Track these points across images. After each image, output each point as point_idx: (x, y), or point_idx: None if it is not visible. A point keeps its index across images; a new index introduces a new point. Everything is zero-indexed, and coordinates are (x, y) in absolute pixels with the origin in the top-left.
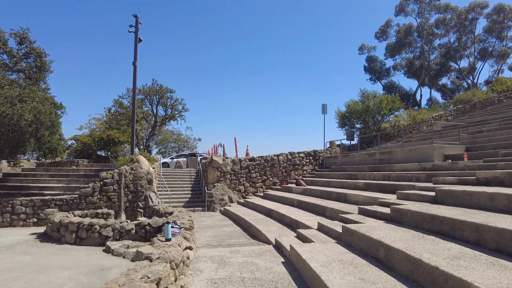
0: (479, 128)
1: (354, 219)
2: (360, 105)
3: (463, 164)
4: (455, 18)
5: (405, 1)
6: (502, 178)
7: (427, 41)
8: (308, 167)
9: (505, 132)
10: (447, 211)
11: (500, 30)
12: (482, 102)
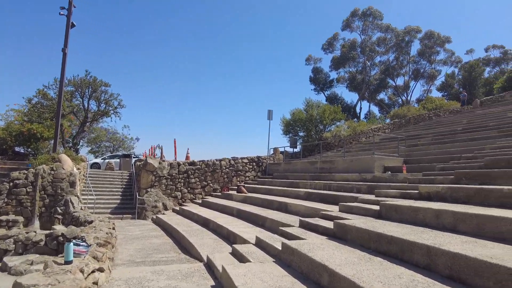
0: (414, 142)
1: (295, 234)
2: (304, 113)
3: (402, 177)
4: (394, 38)
5: (351, 17)
6: (443, 193)
7: (369, 57)
8: (251, 173)
9: (437, 147)
10: (394, 229)
11: (430, 54)
12: (416, 117)
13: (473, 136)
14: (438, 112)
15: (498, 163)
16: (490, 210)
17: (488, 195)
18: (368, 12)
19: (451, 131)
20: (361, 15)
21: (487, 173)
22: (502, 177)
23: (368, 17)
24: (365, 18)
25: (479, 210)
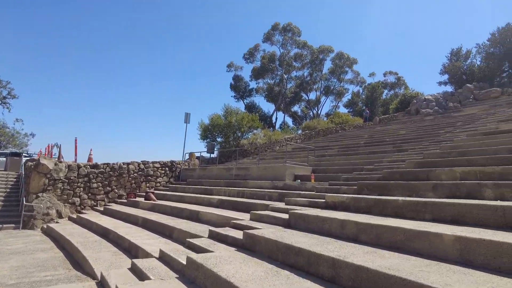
0: (322, 152)
1: (203, 245)
2: (223, 119)
3: (311, 185)
4: (309, 55)
5: (272, 31)
6: (347, 203)
7: (286, 71)
8: (163, 179)
9: (342, 158)
10: (302, 240)
11: (339, 73)
12: (324, 130)
13: (373, 149)
14: (344, 127)
15: (394, 176)
16: (387, 220)
17: (385, 206)
18: (288, 27)
19: (355, 144)
20: (281, 30)
21: (384, 185)
22: (397, 188)
23: (288, 32)
24: (285, 33)
25: (378, 220)
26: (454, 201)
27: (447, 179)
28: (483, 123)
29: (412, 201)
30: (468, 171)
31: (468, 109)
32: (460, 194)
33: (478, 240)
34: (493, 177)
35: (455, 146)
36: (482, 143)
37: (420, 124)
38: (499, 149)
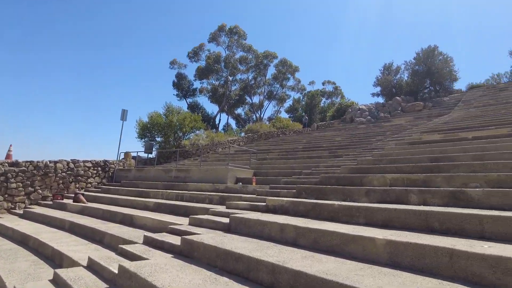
0: (264, 156)
1: (137, 252)
2: (164, 118)
3: (252, 188)
4: (254, 60)
5: (219, 31)
6: (287, 206)
7: (231, 73)
8: (95, 179)
9: (283, 162)
10: (242, 245)
11: (282, 79)
12: (267, 134)
13: (311, 154)
14: (285, 131)
15: (330, 180)
16: (324, 224)
17: (322, 210)
18: (235, 30)
19: (294, 148)
20: (228, 32)
21: (321, 189)
22: (333, 193)
23: (234, 34)
24: (231, 35)
25: (315, 225)
26: (384, 206)
27: (378, 185)
28: (409, 133)
29: (347, 206)
30: (396, 177)
31: (396, 119)
32: (390, 199)
33: (405, 243)
34: (418, 184)
35: (385, 154)
36: (408, 152)
37: (354, 131)
38: (422, 158)
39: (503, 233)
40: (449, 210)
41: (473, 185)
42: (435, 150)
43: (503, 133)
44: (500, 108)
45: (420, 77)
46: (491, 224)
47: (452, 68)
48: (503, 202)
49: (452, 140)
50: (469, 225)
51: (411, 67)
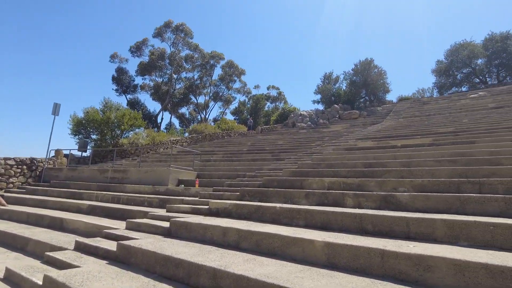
0: (208, 157)
1: (67, 260)
2: (101, 114)
3: (195, 191)
4: (200, 59)
5: (164, 27)
6: (230, 209)
7: (176, 70)
8: (19, 179)
9: (227, 164)
10: (183, 250)
11: (228, 81)
12: (211, 135)
13: (255, 157)
14: (230, 133)
15: (272, 183)
16: (266, 227)
17: (264, 212)
18: (181, 27)
19: (239, 151)
20: (174, 28)
21: (264, 192)
22: (275, 195)
23: (181, 32)
24: (177, 32)
25: (257, 227)
26: (323, 209)
27: (317, 188)
28: (345, 140)
29: (288, 208)
30: (334, 181)
31: (334, 126)
32: (328, 202)
33: (342, 245)
34: (353, 188)
35: (324, 158)
36: (345, 157)
37: (295, 136)
38: (357, 163)
39: (425, 233)
40: (381, 213)
41: (402, 189)
42: (369, 156)
43: (426, 142)
44: (424, 119)
45: (357, 87)
46: (415, 226)
47: (385, 81)
48: (426, 205)
49: (384, 147)
50: (397, 227)
51: (349, 77)
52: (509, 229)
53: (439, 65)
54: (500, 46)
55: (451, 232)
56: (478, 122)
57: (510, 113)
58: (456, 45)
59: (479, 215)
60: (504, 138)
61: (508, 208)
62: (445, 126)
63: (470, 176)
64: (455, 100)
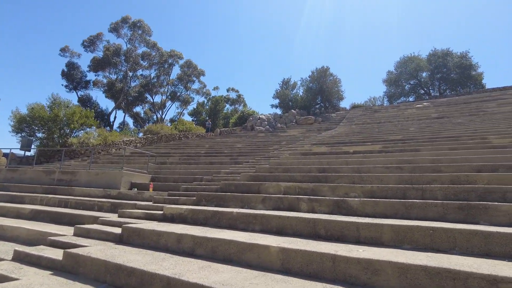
0: (163, 159)
1: (3, 272)
2: (48, 111)
3: (148, 195)
4: (158, 57)
5: (121, 23)
6: (186, 215)
7: (132, 68)
8: None
9: (183, 167)
10: (135, 258)
11: (187, 81)
12: (167, 136)
13: (213, 160)
14: (187, 135)
15: (229, 187)
16: (222, 233)
17: (221, 218)
18: (139, 24)
19: (196, 153)
20: (132, 25)
21: (221, 196)
22: (232, 200)
23: (138, 29)
24: (135, 29)
25: (214, 233)
26: (279, 214)
27: (274, 192)
28: (301, 144)
29: (245, 213)
30: (289, 186)
31: (291, 131)
32: (283, 206)
33: (296, 250)
34: (308, 192)
35: (281, 162)
36: (300, 162)
37: (254, 139)
38: (311, 168)
39: (373, 237)
40: (333, 218)
41: (353, 195)
42: (323, 161)
43: (376, 149)
44: (375, 127)
45: (313, 94)
46: (365, 230)
47: (340, 88)
48: (375, 211)
49: (337, 153)
50: (348, 231)
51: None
52: (445, 232)
53: (389, 76)
54: (441, 61)
55: (397, 236)
56: (422, 131)
57: (449, 124)
58: (405, 58)
59: (421, 219)
60: (444, 147)
61: (445, 213)
62: (394, 133)
63: (415, 183)
64: (403, 109)
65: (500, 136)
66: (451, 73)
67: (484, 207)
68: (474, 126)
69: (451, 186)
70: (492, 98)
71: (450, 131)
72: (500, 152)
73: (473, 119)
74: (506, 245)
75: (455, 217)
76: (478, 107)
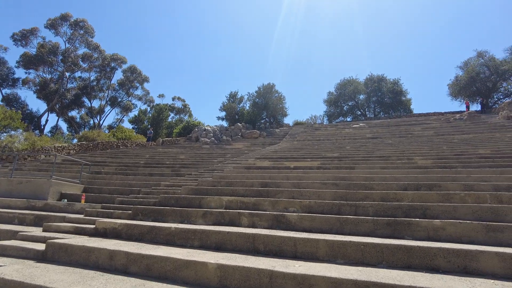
0: (99, 169)
1: None
2: None
3: (80, 207)
4: (100, 60)
5: (60, 20)
6: (120, 230)
7: (70, 69)
8: None
9: (120, 178)
10: (60, 277)
11: (129, 87)
12: (104, 144)
13: (153, 171)
14: (127, 143)
15: (169, 201)
16: (158, 249)
17: (158, 233)
18: (81, 23)
19: (135, 163)
20: (73, 23)
21: (160, 210)
22: (172, 214)
23: (80, 28)
24: (76, 28)
25: (149, 250)
26: (218, 229)
27: (216, 207)
28: (246, 158)
29: (184, 229)
30: (232, 200)
31: (236, 144)
32: (224, 221)
33: (234, 266)
34: (249, 207)
35: (224, 176)
36: (244, 176)
37: (198, 151)
38: (254, 182)
39: (310, 252)
40: (272, 233)
41: (292, 209)
42: (266, 175)
43: (315, 165)
44: (315, 143)
45: (259, 109)
46: (302, 245)
47: (284, 105)
48: (312, 226)
49: (279, 168)
50: (286, 246)
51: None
52: (375, 247)
53: (330, 96)
54: (376, 86)
55: (331, 251)
56: (358, 150)
57: (381, 144)
58: (344, 80)
59: (354, 235)
60: (376, 165)
61: (375, 229)
62: (332, 151)
63: (349, 199)
64: (341, 128)
65: (424, 158)
66: (385, 97)
67: (408, 223)
68: (403, 148)
69: (381, 203)
70: (418, 122)
71: (382, 151)
72: (423, 172)
73: (402, 140)
74: (424, 257)
75: (383, 232)
76: (406, 130)
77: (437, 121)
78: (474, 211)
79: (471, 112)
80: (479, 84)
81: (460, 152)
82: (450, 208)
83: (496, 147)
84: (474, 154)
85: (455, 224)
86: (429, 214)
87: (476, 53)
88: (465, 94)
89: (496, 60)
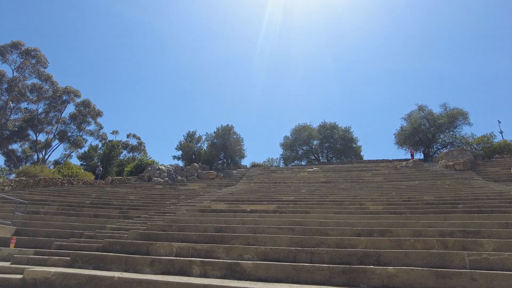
0: (37, 208)
1: None
2: None
3: (7, 253)
4: (51, 91)
5: (10, 47)
6: (54, 280)
7: (15, 99)
8: None
9: (61, 219)
10: None
11: (81, 122)
12: (47, 180)
13: (98, 212)
14: (72, 180)
15: (114, 247)
16: None
17: (99, 283)
18: (34, 53)
19: (80, 203)
20: (24, 52)
21: (103, 257)
22: (116, 261)
23: (32, 58)
24: (27, 57)
25: None
26: (167, 279)
27: (165, 254)
28: (201, 200)
29: (128, 279)
30: (183, 246)
31: (192, 184)
32: (174, 270)
33: None
34: (202, 254)
35: (176, 219)
36: (197, 220)
37: (150, 191)
38: (208, 227)
39: None
40: (225, 284)
41: (247, 257)
42: (221, 219)
43: (271, 209)
44: (271, 186)
45: (217, 150)
46: None
47: (242, 147)
48: (267, 274)
49: (235, 211)
50: None
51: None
52: None
53: (286, 140)
54: (329, 132)
55: None
56: (312, 194)
57: (334, 188)
58: (299, 126)
59: (310, 283)
60: (330, 210)
61: (331, 277)
62: (287, 194)
63: (305, 245)
64: (296, 172)
65: (375, 203)
66: (337, 144)
67: (363, 270)
68: (355, 193)
69: (336, 250)
70: (368, 168)
71: (335, 195)
72: (374, 218)
73: (354, 185)
74: None
75: (339, 280)
76: (358, 175)
77: (386, 168)
78: (423, 257)
79: (416, 160)
80: (421, 135)
81: (407, 198)
82: (402, 255)
83: (438, 193)
84: (420, 200)
85: (407, 271)
86: (383, 261)
87: (417, 106)
88: (409, 143)
89: (434, 114)
